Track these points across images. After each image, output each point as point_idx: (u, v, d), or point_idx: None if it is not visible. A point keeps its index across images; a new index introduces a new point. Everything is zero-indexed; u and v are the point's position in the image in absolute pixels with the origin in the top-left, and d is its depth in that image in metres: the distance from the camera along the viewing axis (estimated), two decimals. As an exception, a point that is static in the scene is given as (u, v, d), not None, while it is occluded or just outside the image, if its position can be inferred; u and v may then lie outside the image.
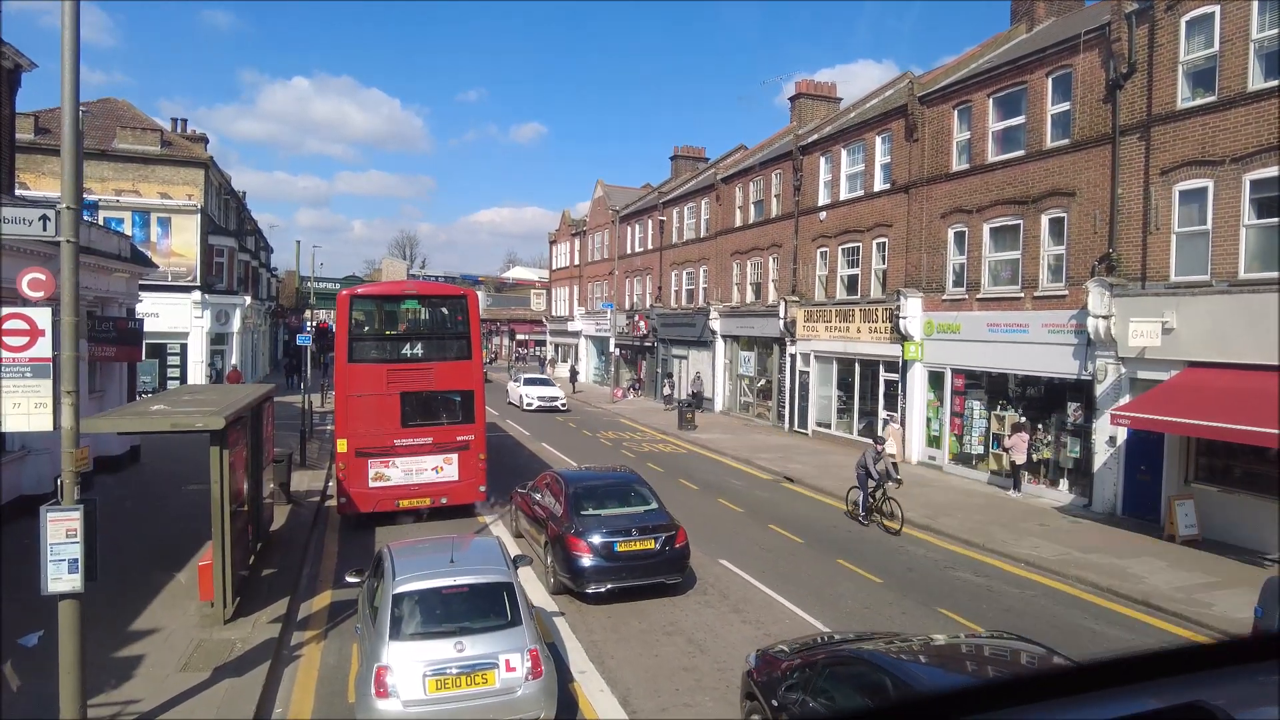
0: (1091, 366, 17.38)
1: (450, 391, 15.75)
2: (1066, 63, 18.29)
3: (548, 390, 35.96)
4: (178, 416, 9.24)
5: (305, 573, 12.48)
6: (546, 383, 37.32)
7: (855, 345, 25.32)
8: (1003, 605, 11.66)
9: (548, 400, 35.03)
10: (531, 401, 34.84)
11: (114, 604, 10.20)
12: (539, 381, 37.37)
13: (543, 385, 36.58)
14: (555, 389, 36.35)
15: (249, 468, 12.35)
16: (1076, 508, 17.65)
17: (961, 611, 11.30)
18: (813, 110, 35.69)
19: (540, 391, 35.56)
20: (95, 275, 16.76)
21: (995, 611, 11.37)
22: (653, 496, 12.09)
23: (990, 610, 11.41)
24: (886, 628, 10.66)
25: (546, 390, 35.91)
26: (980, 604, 11.68)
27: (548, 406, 34.80)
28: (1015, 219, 19.76)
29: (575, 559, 10.71)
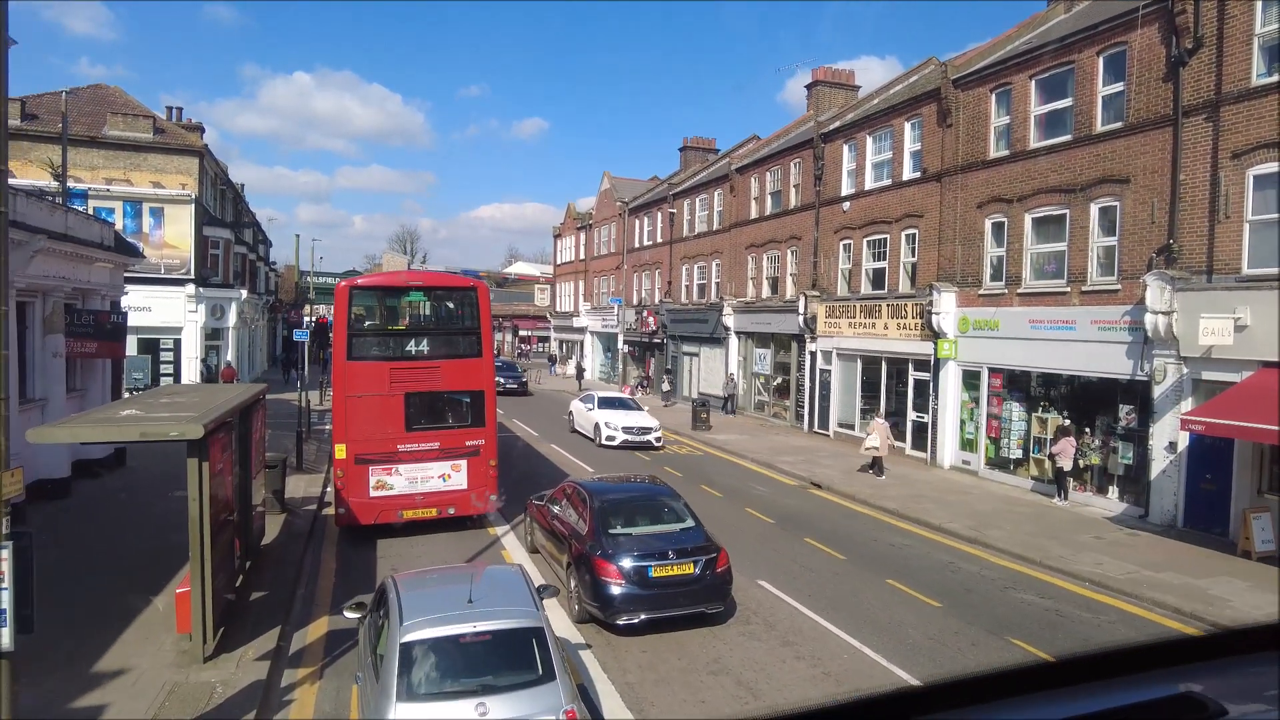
0: (1148, 366, 16.11)
1: (459, 392, 14.47)
2: (1120, 39, 16.99)
3: (636, 418, 24.87)
4: (150, 424, 7.97)
5: (299, 594, 11.21)
6: (627, 405, 26.46)
7: (882, 342, 24.03)
8: (1079, 634, 10.41)
9: (638, 433, 24.15)
10: (613, 434, 24.10)
11: (79, 636, 8.95)
12: (618, 404, 26.43)
13: (625, 410, 25.65)
14: (645, 415, 25.49)
15: (237, 477, 11.09)
16: (1131, 518, 16.39)
17: (1034, 641, 10.06)
18: (830, 98, 34.32)
19: (626, 419, 24.67)
20: (74, 265, 15.48)
21: (1072, 641, 10.13)
22: (688, 512, 10.79)
23: (1066, 640, 10.17)
24: (956, 662, 9.42)
25: (634, 418, 24.84)
26: (1054, 632, 10.43)
27: (637, 442, 23.97)
28: (1061, 208, 18.47)
29: (604, 586, 9.44)
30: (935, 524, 15.91)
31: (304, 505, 16.14)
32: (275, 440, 22.59)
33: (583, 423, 26.51)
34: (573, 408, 27.86)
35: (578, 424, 27.05)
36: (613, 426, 24.27)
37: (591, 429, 25.39)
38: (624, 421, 24.42)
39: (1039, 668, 1.35)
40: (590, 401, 26.74)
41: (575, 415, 27.38)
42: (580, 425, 26.74)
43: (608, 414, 24.95)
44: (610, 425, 24.33)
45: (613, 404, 26.28)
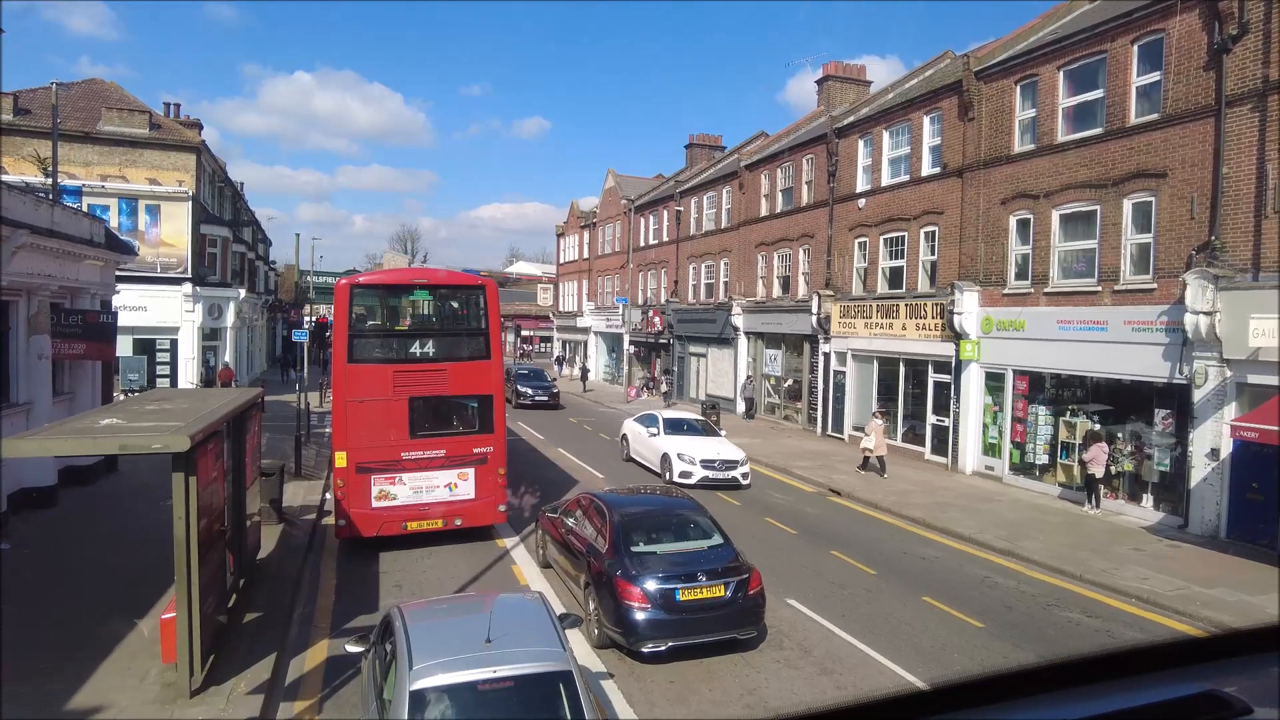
0: (1188, 369, 15.35)
1: (466, 396, 13.70)
2: (1157, 27, 16.23)
3: (715, 446, 19.48)
4: (131, 435, 7.23)
5: (297, 615, 10.46)
6: (699, 429, 21.06)
7: (900, 343, 23.28)
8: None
9: (722, 467, 18.68)
10: (690, 468, 18.55)
11: (53, 665, 8.20)
12: (689, 427, 20.95)
13: (699, 436, 20.36)
14: (725, 442, 20.22)
15: (230, 488, 10.34)
16: (1169, 528, 15.63)
17: (1090, 668, 9.28)
18: (841, 94, 33.62)
19: (704, 448, 19.19)
20: (60, 262, 14.72)
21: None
22: (715, 528, 10.03)
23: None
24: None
25: (712, 446, 19.44)
26: (1109, 658, 9.65)
27: (721, 480, 18.54)
28: (1091, 204, 17.71)
29: (627, 610, 8.67)
30: (965, 534, 15.17)
31: (303, 514, 15.39)
32: (273, 444, 21.87)
33: (644, 451, 20.81)
34: (628, 430, 22.22)
35: (635, 451, 21.36)
36: (689, 459, 18.73)
37: (657, 460, 19.78)
38: (702, 452, 18.92)
39: (1059, 666, 1.32)
40: (652, 424, 20.95)
41: (631, 440, 21.79)
42: (640, 454, 21.07)
43: (680, 442, 19.51)
44: (686, 458, 18.78)
45: (682, 427, 20.75)
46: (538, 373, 37.30)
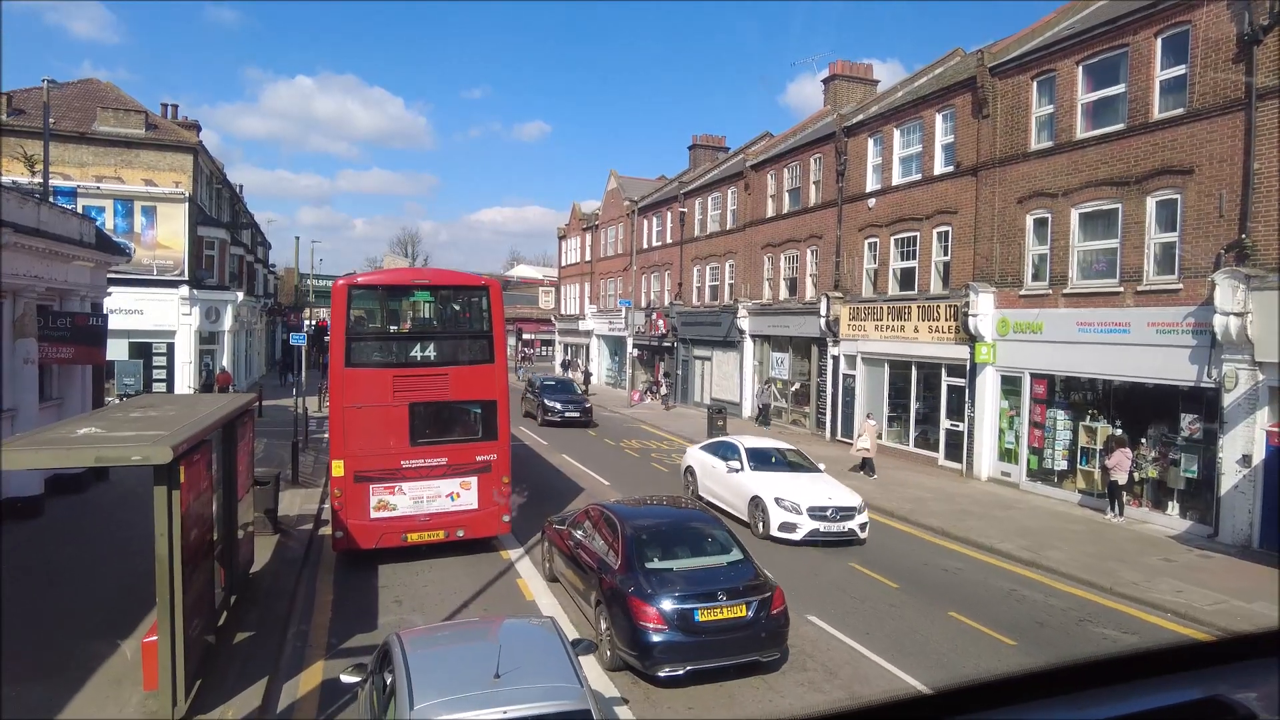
0: (1216, 372, 14.80)
1: (469, 402, 13.14)
2: (1182, 18, 15.71)
3: (822, 488, 14.90)
4: (108, 445, 6.68)
5: (291, 634, 9.91)
6: (797, 463, 16.26)
7: (912, 346, 22.73)
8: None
9: (836, 516, 14.26)
10: (793, 519, 14.17)
11: (28, 691, 7.65)
12: (781, 460, 16.25)
13: (799, 473, 15.72)
14: (834, 484, 15.36)
15: (220, 500, 9.80)
16: (1198, 537, 15.07)
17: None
18: (848, 93, 33.17)
19: (810, 491, 14.62)
20: (48, 263, 14.18)
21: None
22: (733, 542, 9.46)
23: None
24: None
25: (821, 489, 14.84)
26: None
27: (836, 534, 14.24)
28: (1112, 202, 17.18)
29: (642, 632, 8.11)
30: (986, 544, 14.61)
31: (299, 524, 14.83)
32: (270, 450, 21.33)
33: (720, 491, 15.86)
34: (694, 462, 17.31)
35: (706, 490, 16.37)
36: (791, 505, 13.98)
37: (742, 503, 14.94)
38: (809, 496, 14.17)
39: (1062, 670, 1.30)
40: (730, 455, 16.08)
41: (700, 475, 16.77)
42: (714, 494, 16.05)
43: (775, 481, 14.72)
44: (788, 504, 14.00)
45: (770, 459, 15.87)
46: (565, 384, 32.89)
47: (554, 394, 30.42)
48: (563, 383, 33.37)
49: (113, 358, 28.29)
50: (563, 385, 32.60)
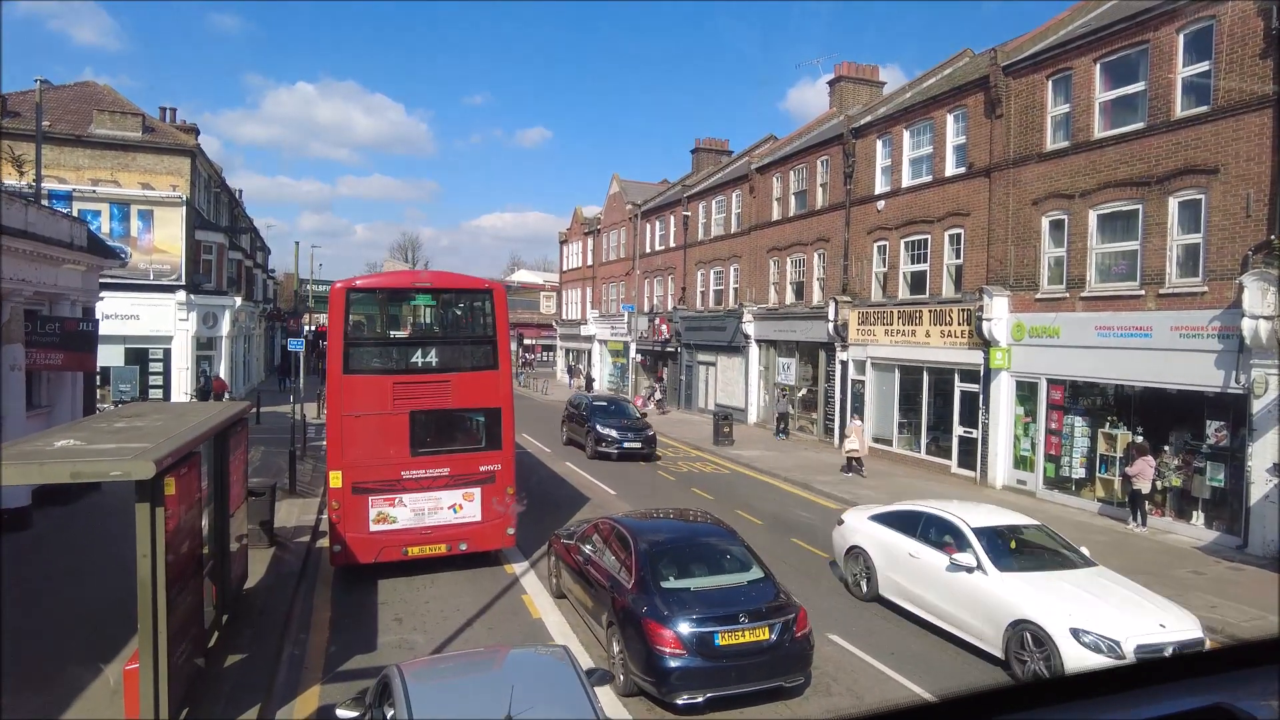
0: (1244, 378, 14.31)
1: (472, 410, 12.65)
2: (1206, 13, 15.26)
3: (1144, 608, 9.07)
4: (86, 460, 6.18)
5: (286, 655, 9.40)
6: (1058, 555, 10.42)
7: (923, 351, 22.24)
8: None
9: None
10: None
11: None
12: (1026, 541, 10.51)
13: (1074, 573, 9.81)
14: (1153, 599, 9.53)
15: (211, 514, 9.31)
16: (1225, 548, 14.57)
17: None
18: (854, 95, 32.72)
19: (1130, 617, 8.71)
20: (36, 266, 13.70)
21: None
22: (753, 559, 8.95)
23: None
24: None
25: (1141, 609, 9.00)
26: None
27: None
28: (1132, 203, 16.72)
29: (658, 657, 7.60)
30: (1007, 556, 14.07)
31: (296, 536, 14.32)
32: (268, 458, 20.83)
33: (938, 600, 10.13)
34: (862, 541, 11.67)
35: (900, 589, 10.84)
36: (1106, 644, 8.35)
37: (994, 628, 9.25)
38: (1129, 625, 8.62)
39: (1069, 678, 1.40)
40: (945, 536, 10.44)
41: (885, 565, 11.17)
42: (921, 600, 10.46)
43: (1050, 593, 9.15)
44: (1099, 639, 8.38)
45: (1011, 546, 10.28)
46: (620, 406, 26.07)
47: (606, 418, 23.99)
48: (615, 403, 26.51)
49: (108, 363, 27.87)
50: (616, 407, 25.72)
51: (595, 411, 24.36)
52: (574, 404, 26.47)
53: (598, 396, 27.72)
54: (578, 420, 25.11)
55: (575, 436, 25.21)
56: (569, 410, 26.43)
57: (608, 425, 23.29)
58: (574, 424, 25.47)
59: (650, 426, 24.29)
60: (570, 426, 25.84)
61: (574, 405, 26.29)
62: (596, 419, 23.71)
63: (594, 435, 23.19)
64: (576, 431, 25.05)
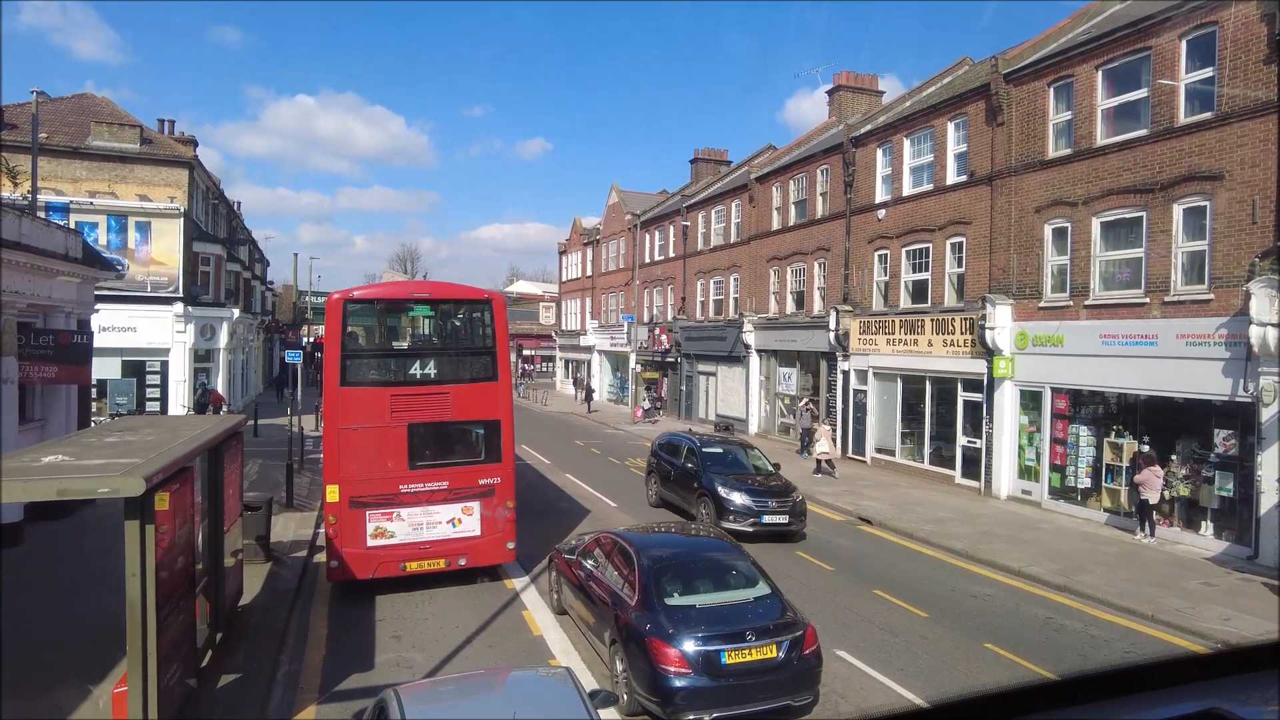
0: (1253, 386, 14.14)
1: (471, 422, 12.47)
2: (1208, 20, 15.18)
3: None
4: (74, 477, 6.00)
5: (281, 674, 9.18)
6: None
7: (926, 360, 22.07)
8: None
9: None
10: None
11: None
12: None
13: None
14: None
15: (205, 530, 9.12)
16: (1236, 559, 14.37)
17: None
18: (853, 104, 32.71)
19: None
20: (29, 277, 13.54)
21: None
22: (759, 574, 8.75)
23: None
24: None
25: None
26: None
27: None
28: (1136, 210, 16.59)
29: (663, 676, 7.40)
30: (1014, 568, 13.90)
31: (293, 551, 14.11)
32: (265, 471, 20.63)
33: None
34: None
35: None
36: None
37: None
38: None
39: (1063, 684, 1.28)
40: None
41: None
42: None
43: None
44: None
45: None
46: (739, 454, 17.65)
47: (726, 472, 16.39)
48: (731, 449, 17.80)
49: (105, 376, 27.71)
50: (734, 455, 17.44)
51: (709, 464, 16.63)
52: (668, 449, 18.61)
53: (705, 439, 18.48)
54: (679, 476, 17.36)
55: (675, 498, 17.59)
56: (660, 459, 18.61)
57: (734, 487, 15.62)
58: (672, 481, 17.73)
59: (795, 487, 16.39)
60: (664, 484, 18.11)
61: (668, 451, 18.52)
62: (714, 477, 16.03)
63: (712, 501, 15.54)
64: (677, 491, 17.44)
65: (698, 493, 16.26)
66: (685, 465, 17.27)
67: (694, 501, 16.41)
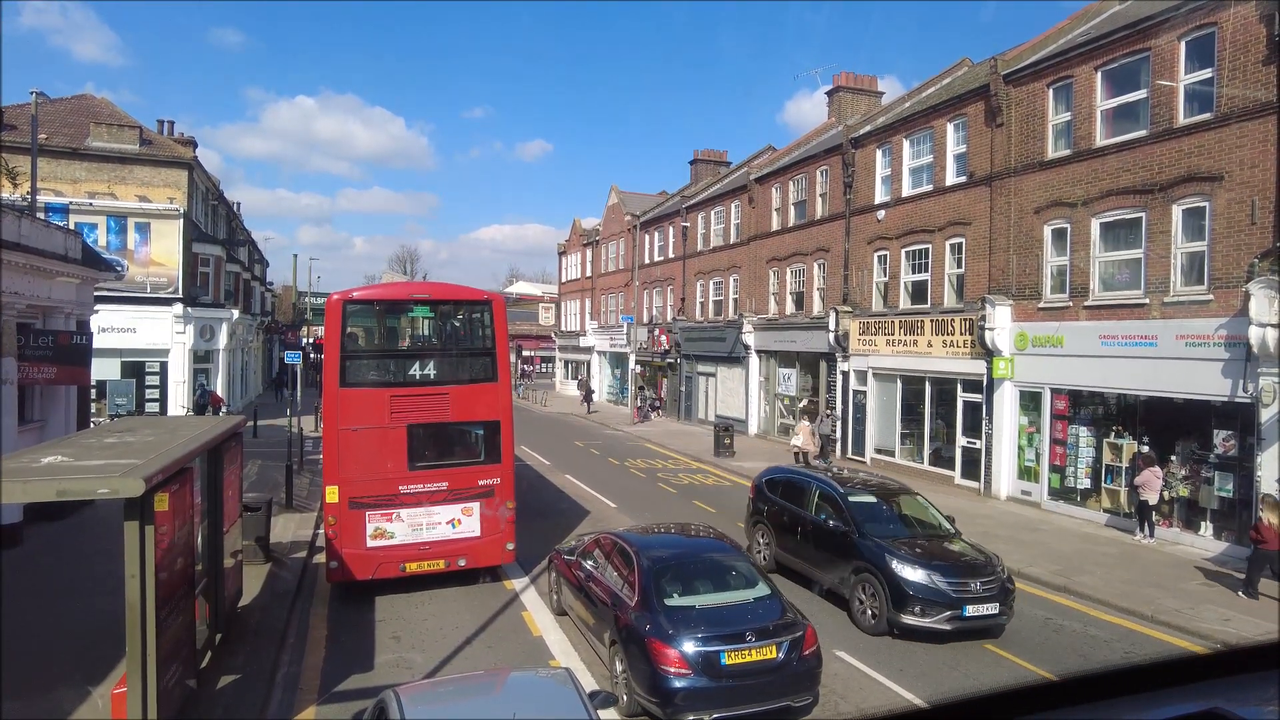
0: (1252, 387, 14.15)
1: (470, 423, 12.46)
2: (1208, 21, 15.19)
3: None
4: (73, 477, 6.00)
5: (281, 675, 9.18)
6: None
7: (925, 361, 22.07)
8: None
9: None
10: None
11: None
12: None
13: None
14: None
15: (204, 531, 9.11)
16: (1235, 559, 14.36)
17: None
18: (853, 105, 32.69)
19: None
20: (28, 278, 13.53)
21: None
22: (759, 575, 8.75)
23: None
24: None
25: None
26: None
27: None
28: (1135, 211, 16.60)
29: (663, 677, 7.40)
30: (1014, 568, 13.79)
31: (292, 552, 14.11)
32: (265, 472, 20.63)
33: None
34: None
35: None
36: None
37: None
38: None
39: (1063, 684, 1.28)
40: None
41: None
42: None
43: None
44: None
45: None
46: (894, 509, 12.36)
47: (893, 535, 11.50)
48: (889, 500, 12.52)
49: (105, 377, 27.70)
50: (892, 509, 12.34)
51: (864, 521, 11.48)
52: (786, 491, 13.37)
53: (844, 478, 13.12)
54: (815, 535, 12.16)
55: (805, 566, 12.42)
56: (773, 504, 13.42)
57: (915, 561, 10.58)
58: (800, 540, 12.49)
59: (994, 555, 11.43)
60: (783, 539, 12.94)
61: (787, 494, 13.28)
62: (881, 546, 10.89)
63: (881, 581, 10.53)
64: (809, 557, 12.32)
65: (853, 566, 11.04)
66: (822, 520, 12.00)
67: (845, 576, 11.21)
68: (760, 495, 13.96)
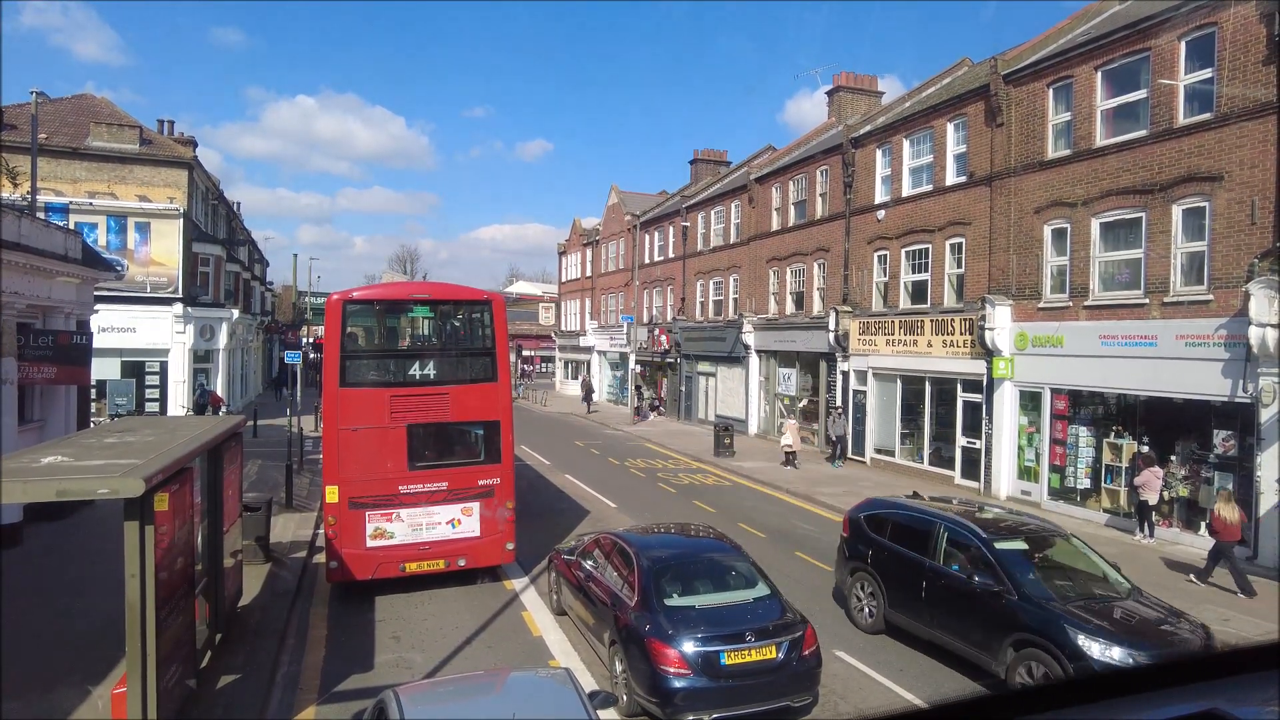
0: (1252, 387, 14.15)
1: (470, 423, 12.46)
2: (1208, 21, 15.19)
3: None
4: (73, 477, 6.00)
5: (281, 675, 9.18)
6: None
7: (925, 361, 22.08)
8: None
9: None
10: None
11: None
12: None
13: None
14: None
15: (204, 531, 9.11)
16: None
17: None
18: (853, 105, 32.68)
19: None
20: (28, 278, 13.53)
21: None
22: (758, 575, 8.76)
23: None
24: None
25: None
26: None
27: None
28: (1135, 211, 16.60)
29: (662, 677, 7.40)
30: (1014, 569, 13.87)
31: (292, 552, 14.10)
32: (265, 472, 20.63)
33: None
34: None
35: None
36: None
37: None
38: None
39: (1061, 685, 1.65)
40: None
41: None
42: None
43: None
44: None
45: None
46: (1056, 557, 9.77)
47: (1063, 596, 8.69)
48: (1047, 548, 9.88)
49: (105, 377, 27.70)
50: (1053, 558, 9.80)
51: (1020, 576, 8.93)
52: (895, 532, 10.64)
53: (984, 519, 10.36)
54: (947, 593, 9.47)
55: (932, 630, 9.71)
56: (877, 548, 10.72)
57: (1103, 635, 8.03)
58: (925, 600, 9.77)
59: (1186, 614, 9.45)
60: (895, 593, 10.25)
61: (896, 535, 10.58)
62: (1051, 610, 8.37)
63: (1071, 665, 7.84)
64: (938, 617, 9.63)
65: (1012, 639, 8.44)
66: (955, 573, 9.39)
67: (999, 651, 8.56)
68: (858, 534, 10.94)
